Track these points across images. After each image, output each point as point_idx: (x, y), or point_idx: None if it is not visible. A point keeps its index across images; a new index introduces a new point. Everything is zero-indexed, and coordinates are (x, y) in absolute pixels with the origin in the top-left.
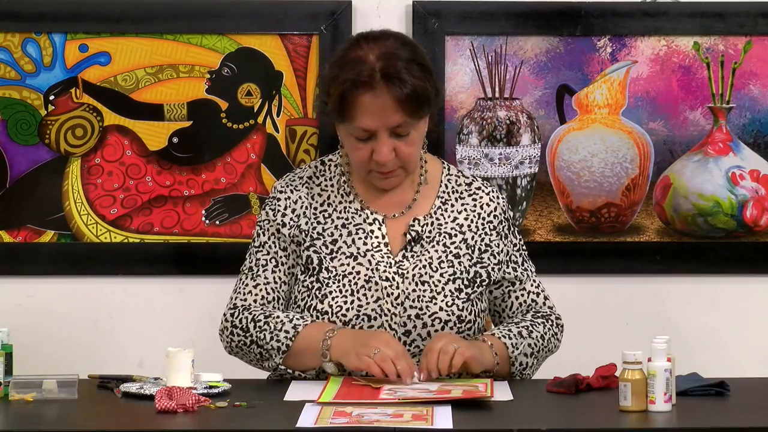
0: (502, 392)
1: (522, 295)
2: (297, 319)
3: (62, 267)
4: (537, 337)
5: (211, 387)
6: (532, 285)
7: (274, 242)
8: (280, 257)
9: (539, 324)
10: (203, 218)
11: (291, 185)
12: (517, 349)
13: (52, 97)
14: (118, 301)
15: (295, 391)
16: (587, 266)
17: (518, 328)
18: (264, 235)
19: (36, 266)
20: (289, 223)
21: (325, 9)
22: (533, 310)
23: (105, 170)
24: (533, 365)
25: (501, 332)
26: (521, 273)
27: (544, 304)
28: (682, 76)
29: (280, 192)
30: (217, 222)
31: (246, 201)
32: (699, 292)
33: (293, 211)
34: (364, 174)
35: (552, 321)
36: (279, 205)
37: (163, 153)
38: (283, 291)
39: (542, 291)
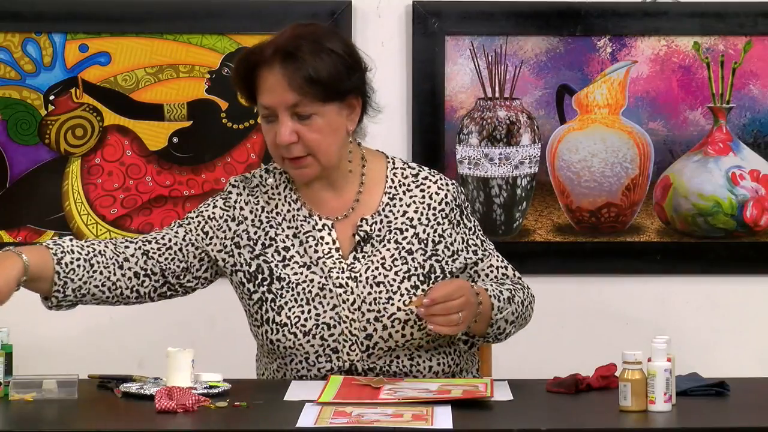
0: (502, 392)
1: (492, 271)
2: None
3: None
4: (518, 302)
5: (211, 387)
6: (497, 260)
7: (198, 223)
8: (188, 239)
9: (519, 290)
10: None
11: (243, 184)
12: (501, 313)
13: (52, 97)
14: None
15: (295, 391)
16: (587, 266)
17: (508, 293)
18: (195, 212)
19: None
20: (238, 218)
21: (325, 9)
22: (508, 280)
23: (105, 170)
24: (509, 332)
25: (493, 291)
26: (482, 253)
27: (514, 275)
28: (682, 76)
29: (233, 186)
30: None
31: None
32: (699, 292)
33: (245, 215)
34: (281, 164)
35: (526, 291)
36: (230, 200)
37: (163, 153)
38: (166, 254)
39: (508, 264)
